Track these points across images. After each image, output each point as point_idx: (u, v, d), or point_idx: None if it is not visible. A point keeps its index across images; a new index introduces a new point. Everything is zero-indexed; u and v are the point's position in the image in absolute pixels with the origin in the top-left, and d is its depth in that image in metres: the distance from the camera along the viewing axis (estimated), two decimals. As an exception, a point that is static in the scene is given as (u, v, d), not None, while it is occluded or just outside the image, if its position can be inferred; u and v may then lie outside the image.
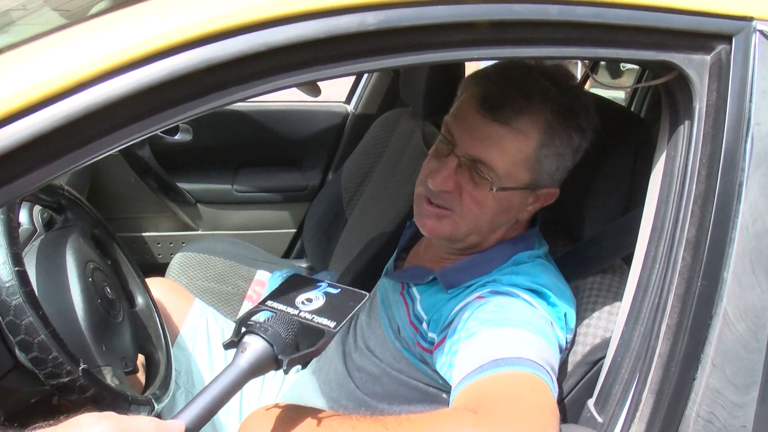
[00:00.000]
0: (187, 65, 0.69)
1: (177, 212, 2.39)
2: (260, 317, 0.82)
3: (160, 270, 2.02)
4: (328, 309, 0.82)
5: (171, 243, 2.40)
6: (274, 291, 0.87)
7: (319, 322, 0.80)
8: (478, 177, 1.05)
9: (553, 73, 1.09)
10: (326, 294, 0.85)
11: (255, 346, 0.76)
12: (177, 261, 2.03)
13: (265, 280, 2.02)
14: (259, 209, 2.43)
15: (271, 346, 0.76)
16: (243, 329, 0.79)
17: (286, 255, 2.47)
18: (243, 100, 0.73)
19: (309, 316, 0.81)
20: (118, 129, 0.68)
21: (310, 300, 0.84)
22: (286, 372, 0.77)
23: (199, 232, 2.42)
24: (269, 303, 0.84)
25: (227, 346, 0.79)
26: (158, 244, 2.40)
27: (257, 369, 0.76)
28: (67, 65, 0.67)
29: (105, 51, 0.68)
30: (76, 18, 0.80)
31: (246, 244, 2.22)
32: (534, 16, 0.80)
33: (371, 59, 0.76)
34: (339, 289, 0.86)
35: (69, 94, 0.66)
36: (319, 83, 1.88)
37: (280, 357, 0.76)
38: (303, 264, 2.30)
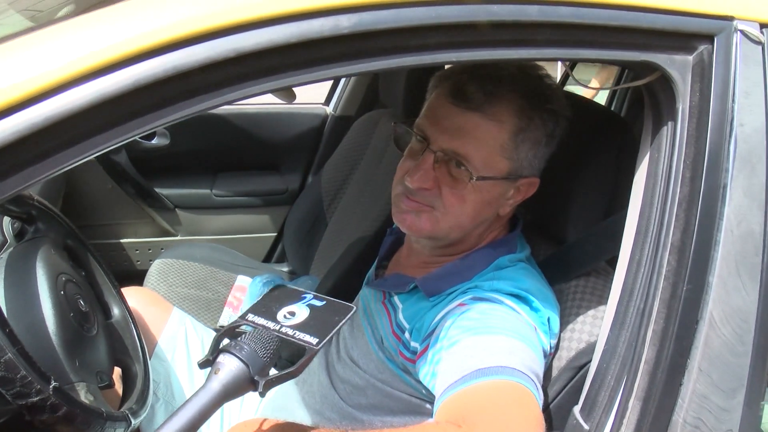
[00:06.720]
0: (153, 73, 0.66)
1: (155, 218, 2.34)
2: (238, 333, 0.77)
3: (139, 277, 1.99)
4: (312, 323, 0.77)
5: (150, 249, 2.36)
6: (256, 303, 0.82)
7: (301, 338, 0.75)
8: (456, 170, 1.03)
9: (522, 63, 1.08)
10: (310, 307, 0.80)
11: (229, 366, 0.71)
12: (156, 268, 1.99)
13: (245, 286, 1.99)
14: (238, 213, 2.40)
15: (247, 366, 0.71)
16: (219, 346, 0.75)
17: (267, 259, 2.44)
18: (213, 108, 0.70)
19: (290, 332, 0.76)
20: (79, 142, 0.65)
21: (293, 313, 0.78)
22: (261, 395, 0.72)
23: (178, 238, 2.37)
24: (249, 317, 0.79)
25: (202, 365, 0.74)
26: (136, 250, 2.36)
27: (232, 391, 0.71)
28: (25, 73, 0.63)
29: (66, 59, 0.64)
30: (41, 22, 0.76)
31: (226, 249, 2.19)
32: (513, 17, 0.77)
33: (346, 64, 0.73)
34: (324, 302, 0.80)
35: (27, 105, 0.62)
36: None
37: (256, 378, 0.72)
38: (284, 268, 2.27)
